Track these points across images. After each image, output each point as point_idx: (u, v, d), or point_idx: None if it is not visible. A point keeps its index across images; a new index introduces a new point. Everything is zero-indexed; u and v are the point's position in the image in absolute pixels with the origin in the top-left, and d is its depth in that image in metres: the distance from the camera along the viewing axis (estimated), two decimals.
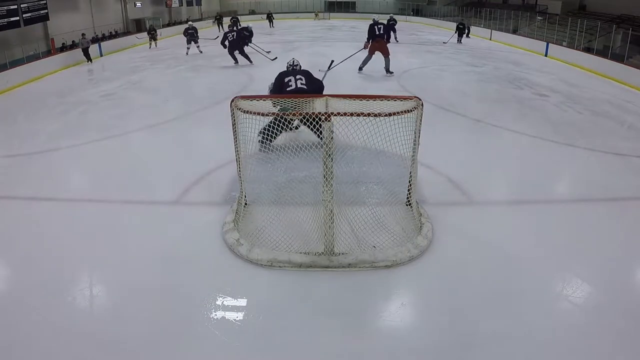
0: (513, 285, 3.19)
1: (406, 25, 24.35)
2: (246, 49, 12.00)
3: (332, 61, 7.47)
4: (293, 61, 5.45)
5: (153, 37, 17.51)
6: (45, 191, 4.66)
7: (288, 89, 5.02)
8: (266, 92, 5.56)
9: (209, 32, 19.53)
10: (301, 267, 3.30)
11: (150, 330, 2.77)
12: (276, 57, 12.19)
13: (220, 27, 21.32)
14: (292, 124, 3.79)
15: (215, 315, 2.88)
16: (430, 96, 7.83)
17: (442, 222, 3.90)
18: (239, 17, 23.89)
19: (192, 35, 14.53)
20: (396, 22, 17.17)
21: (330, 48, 14.19)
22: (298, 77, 5.05)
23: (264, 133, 4.13)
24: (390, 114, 3.44)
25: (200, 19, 26.45)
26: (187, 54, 14.24)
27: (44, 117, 7.51)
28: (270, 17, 25.32)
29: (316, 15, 30.80)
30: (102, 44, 15.38)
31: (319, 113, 3.15)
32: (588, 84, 10.29)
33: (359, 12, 31.64)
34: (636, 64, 10.98)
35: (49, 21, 15.80)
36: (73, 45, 15.97)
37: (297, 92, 4.85)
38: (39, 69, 11.41)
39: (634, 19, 15.15)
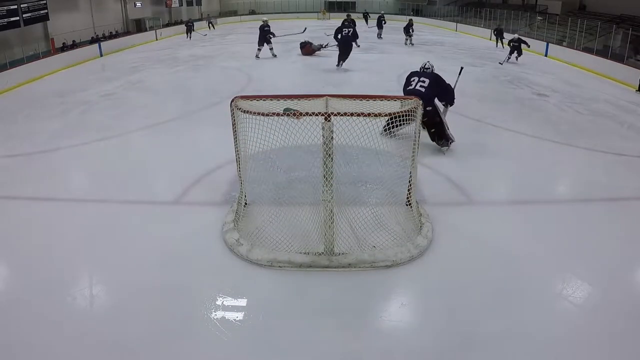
0: (513, 285, 3.19)
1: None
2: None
3: (462, 67, 6.65)
4: (425, 64, 5.59)
5: (190, 29, 18.78)
6: (45, 191, 4.66)
7: (408, 88, 5.36)
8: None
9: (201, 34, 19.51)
10: (301, 267, 3.31)
11: (150, 330, 2.77)
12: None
13: (190, 35, 19.05)
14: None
15: (215, 315, 2.88)
16: None
17: (442, 222, 3.90)
18: (193, 22, 20.58)
19: (266, 35, 12.64)
20: None
21: (334, 49, 14.17)
22: (422, 78, 5.26)
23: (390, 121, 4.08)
24: (390, 114, 3.45)
25: (200, 19, 26.42)
26: (257, 56, 12.81)
27: (44, 117, 7.51)
28: (366, 17, 23.78)
29: (323, 13, 30.62)
30: (102, 44, 15.37)
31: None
32: (588, 84, 10.29)
33: (359, 12, 31.59)
34: (636, 64, 10.97)
35: (49, 21, 15.79)
36: (73, 45, 15.99)
37: (413, 93, 5.04)
38: (39, 69, 11.41)
39: (634, 19, 15.14)
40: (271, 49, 12.94)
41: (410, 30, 16.24)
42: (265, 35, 12.71)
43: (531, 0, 23.36)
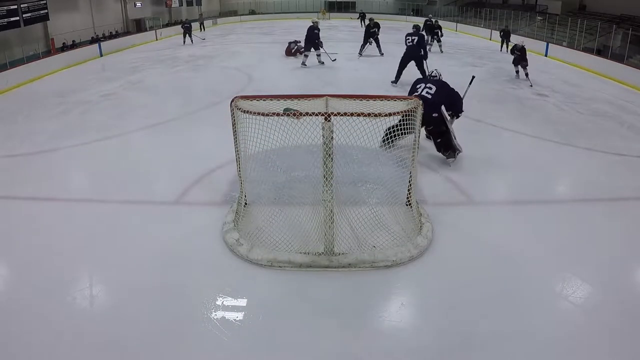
0: (513, 285, 3.19)
1: (406, 25, 24.38)
2: None
3: (473, 77, 6.60)
4: (432, 72, 5.53)
5: (188, 30, 16.91)
6: (45, 191, 4.66)
7: (413, 94, 5.15)
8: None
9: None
10: (301, 267, 3.31)
11: (150, 330, 2.77)
12: None
13: (189, 36, 17.19)
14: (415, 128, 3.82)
15: (215, 315, 2.88)
16: None
17: (442, 222, 3.90)
18: (191, 23, 18.41)
19: (316, 39, 10.93)
20: None
21: (335, 49, 14.19)
22: (429, 85, 5.14)
23: (389, 134, 4.17)
24: (390, 114, 3.45)
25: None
26: (304, 63, 11.20)
27: (44, 117, 7.51)
28: (362, 17, 23.12)
29: (323, 13, 30.58)
30: (102, 44, 15.37)
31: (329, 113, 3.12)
32: (588, 84, 10.29)
33: (358, 12, 31.61)
34: (636, 64, 10.97)
35: (49, 21, 15.80)
36: (73, 45, 15.99)
37: (420, 98, 4.92)
38: (39, 69, 11.40)
39: (634, 19, 15.15)
40: (319, 55, 11.24)
41: (440, 34, 14.04)
42: (315, 40, 10.91)
43: (531, 0, 23.37)
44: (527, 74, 10.09)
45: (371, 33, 13.08)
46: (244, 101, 3.55)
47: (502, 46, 14.99)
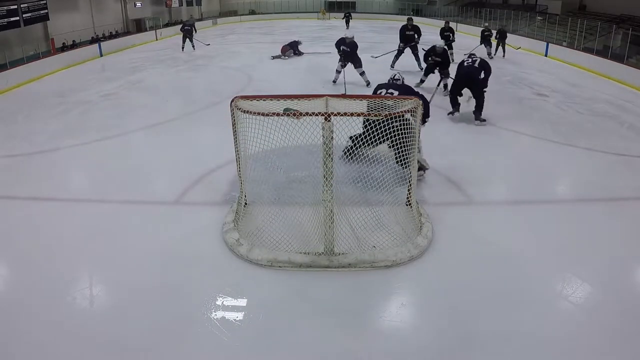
0: (513, 285, 3.19)
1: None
2: None
3: (441, 79, 6.17)
4: (395, 75, 5.22)
5: (188, 34, 14.96)
6: (45, 191, 4.66)
7: None
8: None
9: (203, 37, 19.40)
10: (301, 267, 3.31)
11: (150, 330, 2.77)
12: None
13: (189, 41, 15.24)
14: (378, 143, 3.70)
15: (215, 315, 2.88)
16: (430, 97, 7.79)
17: (442, 222, 3.90)
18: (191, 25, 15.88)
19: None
20: None
21: (332, 48, 14.17)
22: (390, 90, 4.90)
23: (350, 147, 4.10)
24: (390, 114, 3.45)
25: (200, 19, 26.42)
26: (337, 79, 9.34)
27: (44, 117, 7.51)
28: (348, 18, 24.55)
29: (322, 13, 30.58)
30: (102, 44, 15.36)
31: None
32: (588, 84, 10.29)
33: (358, 12, 31.62)
34: (636, 64, 10.97)
35: (49, 21, 15.80)
36: (73, 45, 15.99)
37: None
38: (39, 69, 11.40)
39: (634, 19, 15.16)
40: (362, 73, 9.12)
41: (452, 36, 11.63)
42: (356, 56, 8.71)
43: (531, 0, 23.37)
44: (445, 85, 7.86)
45: (408, 37, 9.91)
46: (244, 101, 3.56)
47: (497, 48, 13.72)
